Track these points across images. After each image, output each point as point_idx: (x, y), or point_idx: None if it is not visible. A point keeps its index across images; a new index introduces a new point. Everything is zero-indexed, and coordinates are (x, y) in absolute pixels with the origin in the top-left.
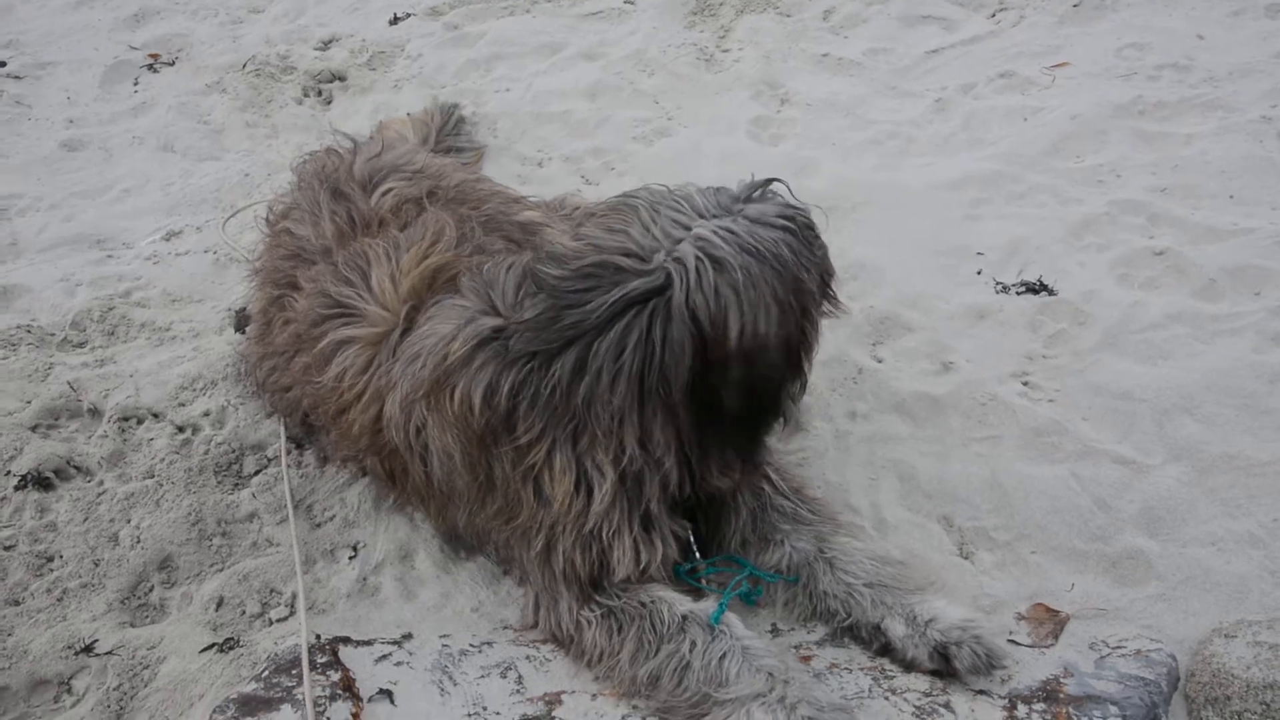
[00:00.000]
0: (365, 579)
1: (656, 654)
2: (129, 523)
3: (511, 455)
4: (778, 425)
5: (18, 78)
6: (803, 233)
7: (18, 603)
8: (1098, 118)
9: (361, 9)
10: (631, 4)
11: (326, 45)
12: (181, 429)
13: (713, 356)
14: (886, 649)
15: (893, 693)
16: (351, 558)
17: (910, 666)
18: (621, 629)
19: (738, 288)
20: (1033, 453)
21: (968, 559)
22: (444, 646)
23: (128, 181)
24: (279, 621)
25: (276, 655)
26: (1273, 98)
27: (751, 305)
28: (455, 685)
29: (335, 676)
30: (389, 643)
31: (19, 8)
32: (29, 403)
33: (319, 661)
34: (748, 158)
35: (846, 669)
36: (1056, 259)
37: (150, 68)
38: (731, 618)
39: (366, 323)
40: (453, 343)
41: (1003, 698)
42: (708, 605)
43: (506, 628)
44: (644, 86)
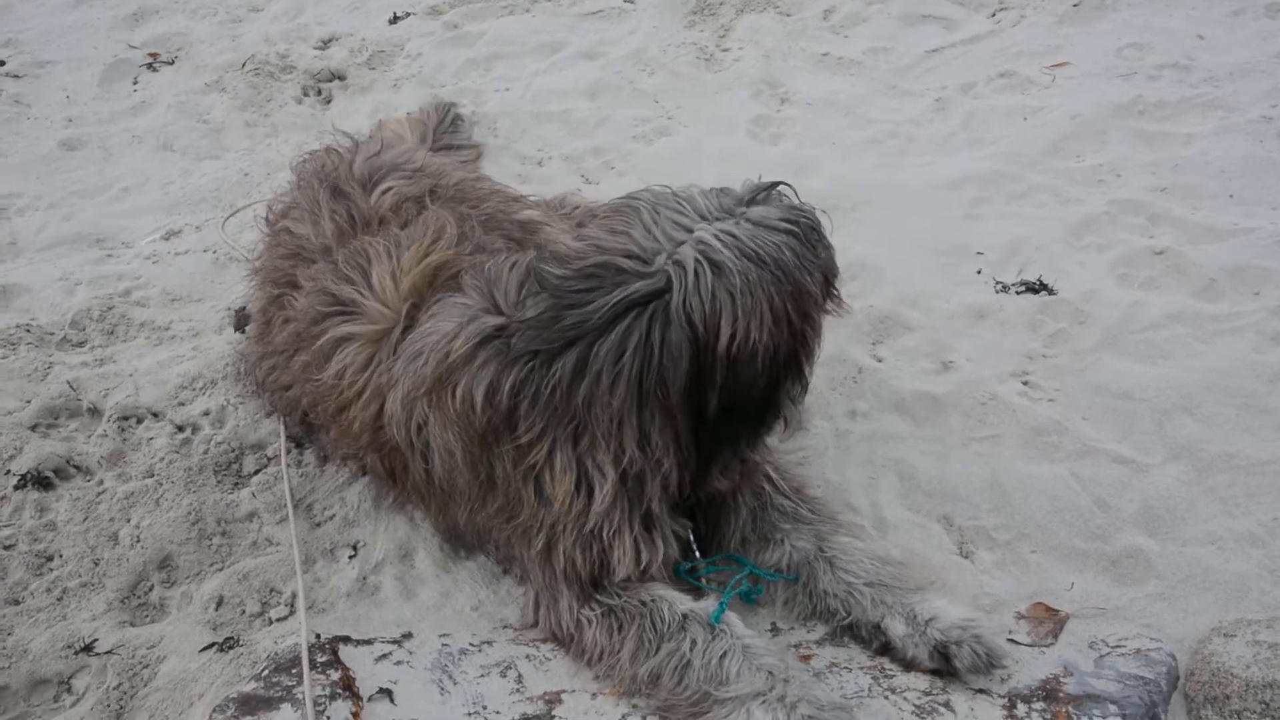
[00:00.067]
0: (365, 578)
1: (657, 653)
2: (129, 522)
3: (512, 454)
4: (778, 427)
5: (17, 76)
6: (806, 235)
7: (17, 602)
8: (1098, 117)
9: (361, 8)
10: (631, 3)
11: (326, 44)
12: (181, 428)
13: (704, 360)
14: (886, 648)
15: (892, 692)
16: (351, 557)
17: (910, 666)
18: (622, 628)
19: (734, 293)
20: (1033, 452)
21: (968, 558)
22: (444, 645)
23: (127, 180)
24: (279, 621)
25: (276, 654)
26: (1273, 97)
27: (746, 311)
28: (455, 684)
29: (335, 676)
30: (389, 642)
31: (18, 6)
32: (28, 402)
33: (319, 661)
34: (747, 157)
35: (846, 668)
36: (1056, 258)
37: (149, 67)
38: (731, 617)
39: (367, 320)
40: (455, 340)
41: (1002, 697)
42: (708, 604)
43: (506, 627)
44: (644, 86)
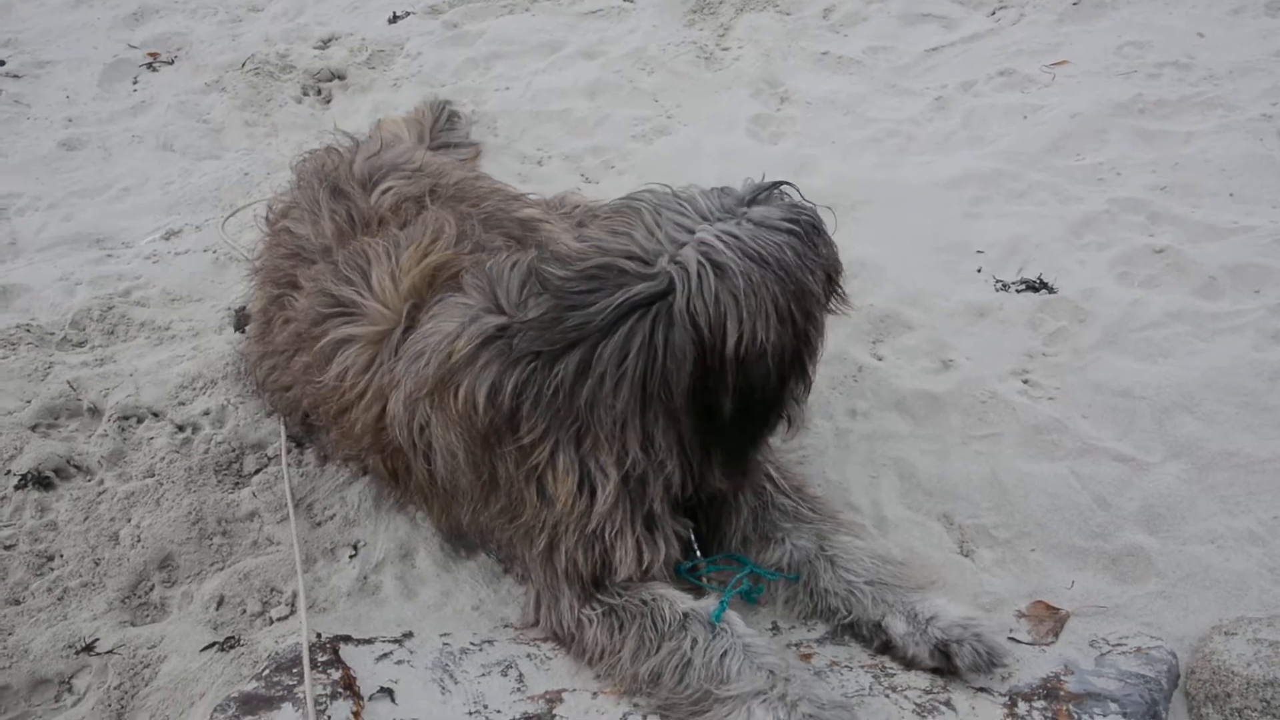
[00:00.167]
0: (366, 577)
1: (658, 651)
2: (129, 522)
3: (515, 455)
4: (781, 427)
5: (16, 76)
6: (808, 234)
7: (18, 602)
8: (1098, 116)
9: (361, 7)
10: (631, 2)
11: (326, 44)
12: (181, 428)
13: (711, 363)
14: (887, 647)
15: (893, 690)
16: (352, 556)
17: (911, 664)
18: (623, 627)
19: (738, 294)
20: (1033, 450)
21: (968, 557)
22: (445, 645)
23: (127, 180)
24: (279, 620)
25: (277, 654)
26: (1273, 96)
27: (751, 313)
28: (456, 683)
29: (336, 675)
30: (390, 641)
31: (18, 6)
32: (29, 402)
33: (320, 660)
34: (747, 156)
35: (847, 667)
36: (1056, 257)
37: (149, 66)
38: (732, 615)
39: (368, 321)
40: (457, 340)
41: (1003, 695)
42: (709, 603)
43: (507, 626)
44: (643, 85)
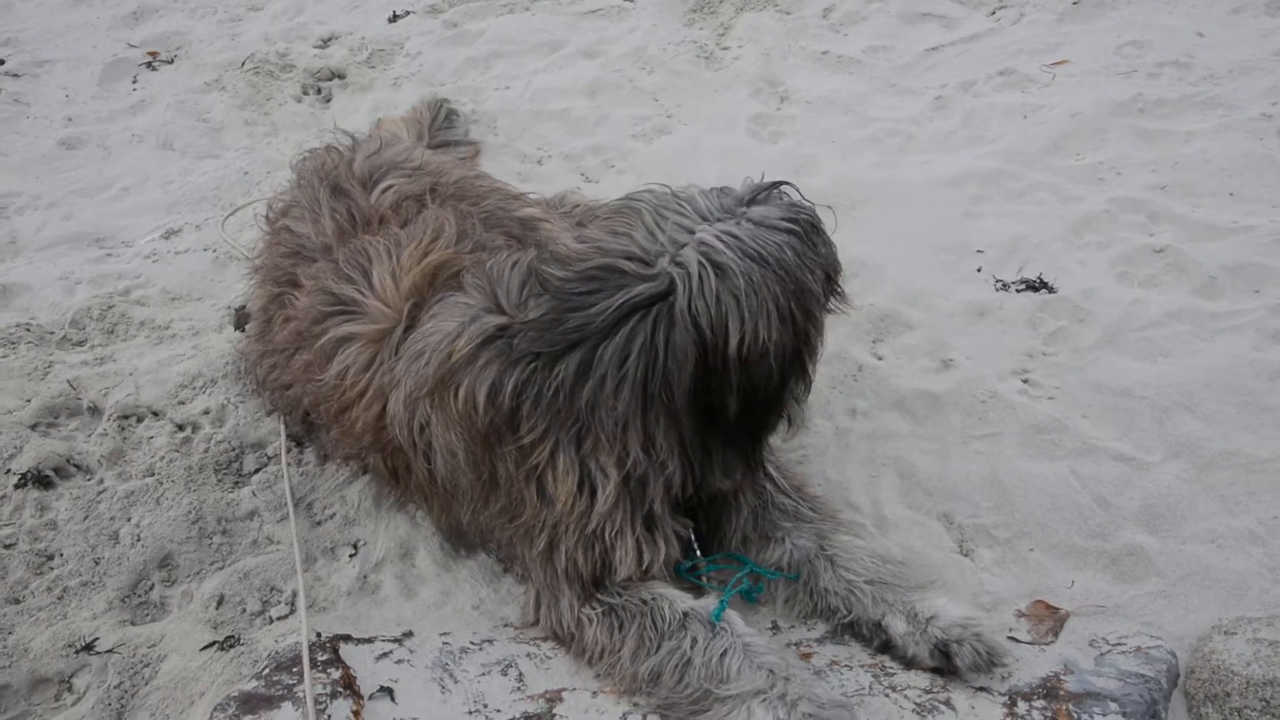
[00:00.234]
0: (366, 577)
1: (657, 651)
2: (129, 521)
3: (515, 455)
4: (782, 426)
5: (16, 75)
6: (807, 233)
7: (18, 601)
8: (1098, 115)
9: (360, 7)
10: (631, 2)
11: (326, 43)
12: (181, 427)
13: (714, 363)
14: (887, 646)
15: (893, 690)
16: (352, 556)
17: (911, 664)
18: (623, 626)
19: (739, 294)
20: (1033, 450)
21: (968, 556)
22: (444, 644)
23: (127, 179)
24: (279, 619)
25: (277, 653)
26: (1273, 95)
27: (753, 313)
28: (456, 683)
29: (336, 674)
30: (390, 640)
31: (17, 6)
32: (29, 401)
33: (320, 659)
34: (747, 155)
35: (847, 666)
36: (1056, 256)
37: (149, 65)
38: (732, 615)
39: (368, 320)
40: (457, 340)
41: (1003, 695)
42: (708, 602)
43: (507, 625)
44: (643, 84)
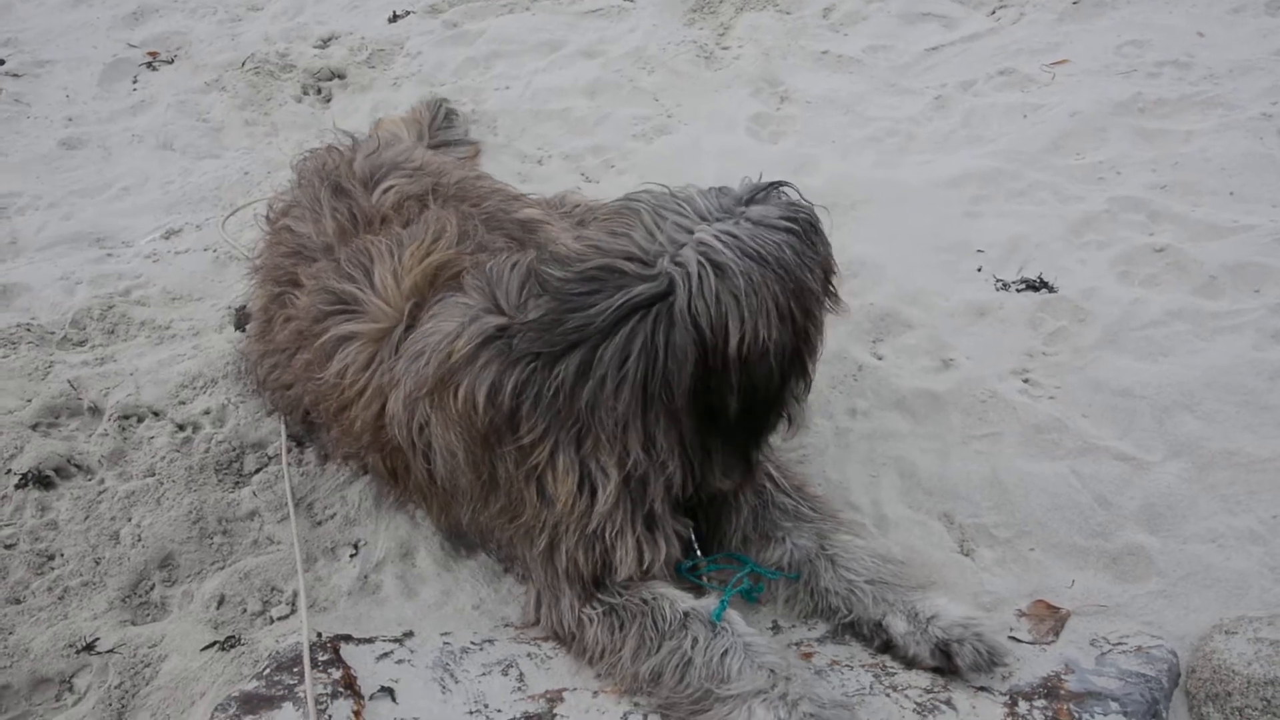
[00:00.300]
0: (366, 577)
1: (658, 651)
2: (130, 521)
3: (515, 455)
4: (782, 426)
5: (16, 76)
6: (805, 232)
7: (19, 601)
8: (1098, 115)
9: (360, 6)
10: (631, 1)
11: (326, 43)
12: (182, 427)
13: (714, 363)
14: (888, 646)
15: (894, 689)
16: (352, 555)
17: (911, 663)
18: (623, 626)
19: (739, 294)
20: (1033, 450)
21: (968, 556)
22: (445, 644)
23: (127, 180)
24: (280, 619)
25: (278, 653)
26: (1273, 95)
27: (753, 312)
28: (456, 683)
29: (337, 674)
30: (390, 640)
31: (18, 6)
32: (29, 401)
33: (320, 659)
34: (747, 155)
35: (847, 666)
36: (1057, 256)
37: (149, 66)
38: (733, 615)
39: (369, 319)
40: (457, 340)
41: (1004, 694)
42: (709, 602)
43: (508, 625)
44: (644, 84)
